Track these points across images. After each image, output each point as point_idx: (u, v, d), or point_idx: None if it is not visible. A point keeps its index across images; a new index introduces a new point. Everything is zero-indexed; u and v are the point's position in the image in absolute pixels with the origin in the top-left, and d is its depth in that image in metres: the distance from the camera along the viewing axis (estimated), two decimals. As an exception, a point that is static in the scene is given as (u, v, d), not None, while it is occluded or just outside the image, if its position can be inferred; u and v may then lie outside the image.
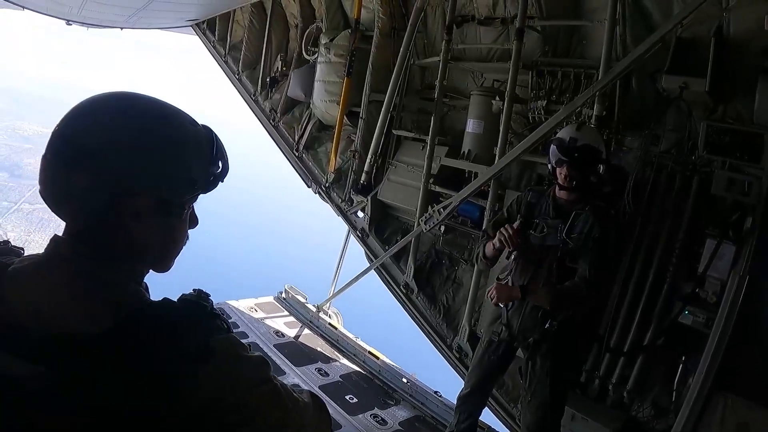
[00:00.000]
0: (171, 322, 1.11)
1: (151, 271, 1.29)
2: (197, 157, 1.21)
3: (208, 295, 1.19)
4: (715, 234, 4.28)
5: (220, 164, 1.26)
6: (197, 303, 1.15)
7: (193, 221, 1.31)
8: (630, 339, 4.79)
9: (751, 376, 4.53)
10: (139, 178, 1.13)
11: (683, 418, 4.53)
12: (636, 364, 4.79)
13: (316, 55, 8.22)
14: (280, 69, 9.41)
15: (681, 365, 4.62)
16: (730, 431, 4.56)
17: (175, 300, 1.16)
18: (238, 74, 9.93)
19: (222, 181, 1.27)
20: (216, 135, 1.26)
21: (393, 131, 7.07)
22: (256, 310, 7.94)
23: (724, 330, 4.28)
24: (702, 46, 4.37)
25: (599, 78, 4.80)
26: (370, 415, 5.56)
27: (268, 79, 9.47)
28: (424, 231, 6.00)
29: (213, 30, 10.57)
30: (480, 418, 4.69)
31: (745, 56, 4.34)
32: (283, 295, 8.47)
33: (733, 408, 4.55)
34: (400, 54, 6.79)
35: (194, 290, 1.20)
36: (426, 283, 6.63)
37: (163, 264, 1.29)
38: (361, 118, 7.32)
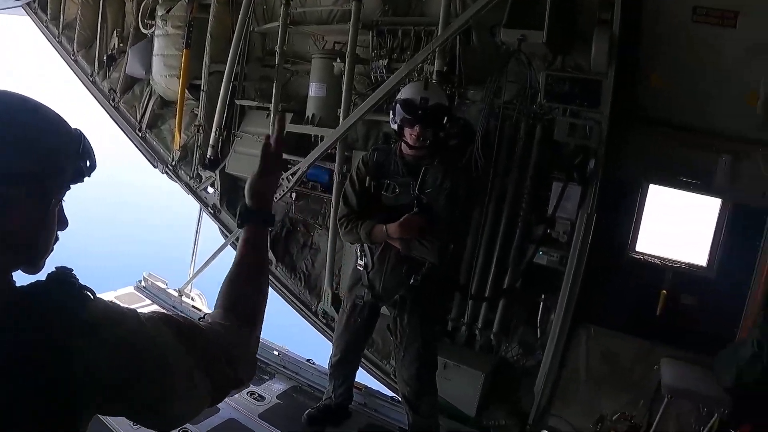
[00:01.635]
0: (48, 301, 1.11)
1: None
2: (64, 148, 1.18)
3: (71, 270, 1.18)
4: (561, 177, 4.45)
5: (88, 159, 1.23)
6: (66, 280, 1.15)
7: (63, 222, 1.26)
8: (490, 284, 4.90)
9: (608, 306, 4.82)
10: (7, 166, 1.09)
11: (550, 353, 4.79)
12: (499, 308, 4.93)
13: (154, 29, 7.47)
14: (116, 45, 8.44)
15: (541, 303, 4.84)
16: (596, 359, 4.90)
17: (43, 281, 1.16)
18: (73, 55, 8.77)
19: (89, 176, 1.24)
20: (81, 130, 1.25)
21: (236, 101, 6.66)
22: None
23: (577, 266, 4.53)
24: (539, 0, 4.41)
25: (439, 34, 4.78)
26: (247, 393, 5.25)
27: (105, 58, 8.49)
28: (275, 200, 5.64)
29: (45, 8, 9.19)
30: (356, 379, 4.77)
31: (582, 9, 4.47)
32: (143, 283, 7.80)
33: (596, 338, 4.87)
34: (238, 21, 6.35)
35: (57, 268, 1.18)
36: (284, 253, 6.47)
37: (32, 258, 1.21)
38: (203, 90, 6.81)
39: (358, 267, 4.17)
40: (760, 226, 4.59)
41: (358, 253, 4.17)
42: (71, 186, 1.25)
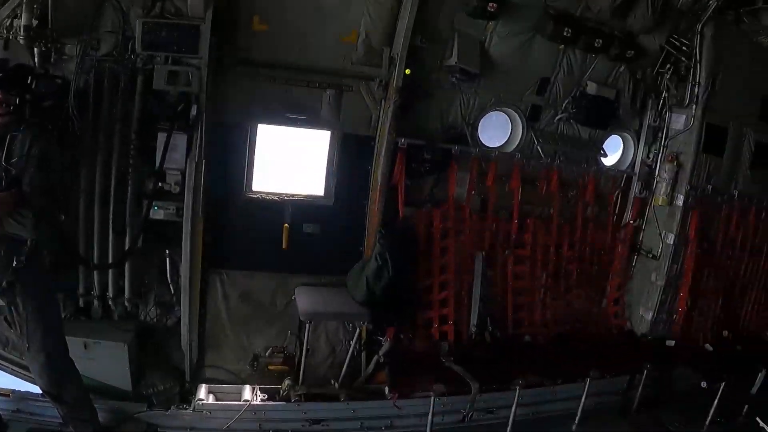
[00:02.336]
0: None
1: None
2: None
3: None
4: (166, 127, 4.68)
5: None
6: None
7: None
8: (111, 249, 5.01)
9: (236, 248, 5.37)
10: None
11: (187, 306, 5.14)
12: (126, 272, 5.09)
13: None
14: None
15: (168, 258, 5.13)
16: (236, 301, 5.41)
17: None
18: None
19: None
20: None
21: None
22: None
23: (194, 215, 4.87)
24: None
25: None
26: None
27: None
28: None
29: None
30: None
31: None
32: None
33: (230, 281, 5.35)
34: None
35: None
36: None
37: None
38: None
39: None
40: (369, 152, 5.54)
41: None
42: None
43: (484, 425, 5.61)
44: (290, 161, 5.47)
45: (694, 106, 6.73)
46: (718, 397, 5.97)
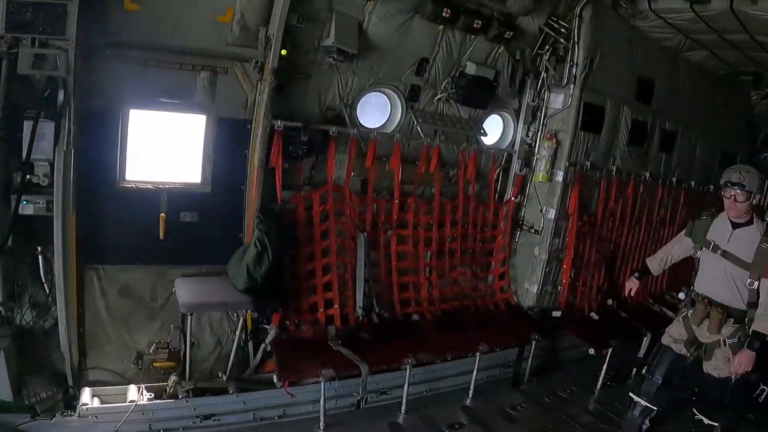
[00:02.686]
0: None
1: None
2: None
3: None
4: (32, 115, 4.72)
5: None
6: None
7: None
8: None
9: (111, 241, 5.51)
10: None
11: (63, 306, 5.22)
12: None
13: None
14: None
15: (40, 256, 5.21)
16: (114, 298, 5.56)
17: None
18: None
19: None
20: None
21: None
22: None
23: (64, 208, 4.97)
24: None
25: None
26: None
27: None
28: None
29: None
30: None
31: None
32: None
33: (107, 276, 5.50)
34: None
35: None
36: None
37: None
38: None
39: None
40: (245, 136, 5.82)
41: None
42: None
43: (379, 407, 6.14)
44: (165, 148, 5.66)
45: (572, 86, 7.54)
46: (606, 362, 6.89)
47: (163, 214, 5.62)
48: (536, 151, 7.89)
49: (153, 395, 5.49)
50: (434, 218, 7.41)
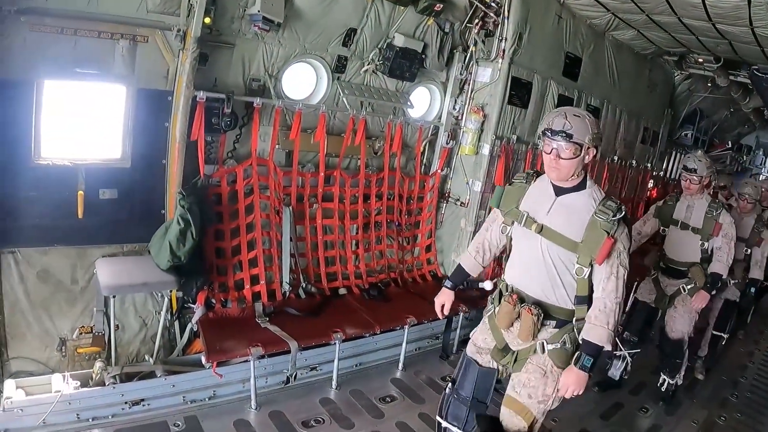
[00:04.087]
0: None
1: None
2: None
3: None
4: None
5: None
6: None
7: None
8: None
9: (28, 223, 5.28)
10: None
11: None
12: None
13: None
14: None
15: None
16: (33, 282, 5.38)
17: None
18: None
19: None
20: None
21: None
22: None
23: None
24: None
25: None
26: None
27: None
28: None
29: None
30: None
31: None
32: None
33: (25, 260, 5.30)
34: None
35: None
36: None
37: None
38: None
39: None
40: (167, 108, 5.65)
41: None
42: None
43: (310, 383, 6.21)
44: (82, 122, 5.42)
45: (500, 61, 7.64)
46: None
47: (81, 192, 5.38)
48: (463, 124, 7.99)
49: (79, 383, 5.34)
50: (360, 191, 7.44)
